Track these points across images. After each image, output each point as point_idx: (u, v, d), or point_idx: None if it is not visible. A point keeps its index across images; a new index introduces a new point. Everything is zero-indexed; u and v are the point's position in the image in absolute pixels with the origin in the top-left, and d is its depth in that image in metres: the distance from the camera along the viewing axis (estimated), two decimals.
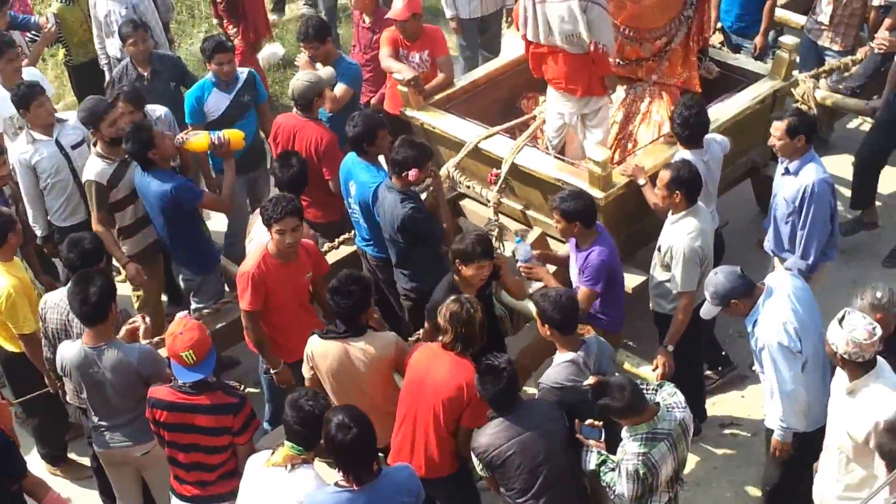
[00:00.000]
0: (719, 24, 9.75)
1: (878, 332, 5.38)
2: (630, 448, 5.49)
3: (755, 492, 6.85)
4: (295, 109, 8.02)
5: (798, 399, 6.01)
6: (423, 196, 7.23)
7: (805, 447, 6.14)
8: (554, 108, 7.87)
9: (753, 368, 6.39)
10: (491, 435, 5.59)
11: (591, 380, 5.69)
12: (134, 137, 7.19)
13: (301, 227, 6.62)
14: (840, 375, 5.60)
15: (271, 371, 6.88)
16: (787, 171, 7.09)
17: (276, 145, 8.09)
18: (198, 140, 7.49)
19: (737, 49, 9.57)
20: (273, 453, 5.37)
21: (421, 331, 6.88)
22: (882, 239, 8.85)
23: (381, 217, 7.11)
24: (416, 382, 5.95)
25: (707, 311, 6.21)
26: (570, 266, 6.92)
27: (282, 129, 8.03)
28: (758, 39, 9.41)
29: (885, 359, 5.70)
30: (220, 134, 7.53)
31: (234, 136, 7.58)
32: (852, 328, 5.36)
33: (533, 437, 5.59)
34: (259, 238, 6.91)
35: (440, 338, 5.92)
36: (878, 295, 5.82)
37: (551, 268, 7.09)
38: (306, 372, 6.31)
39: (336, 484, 5.14)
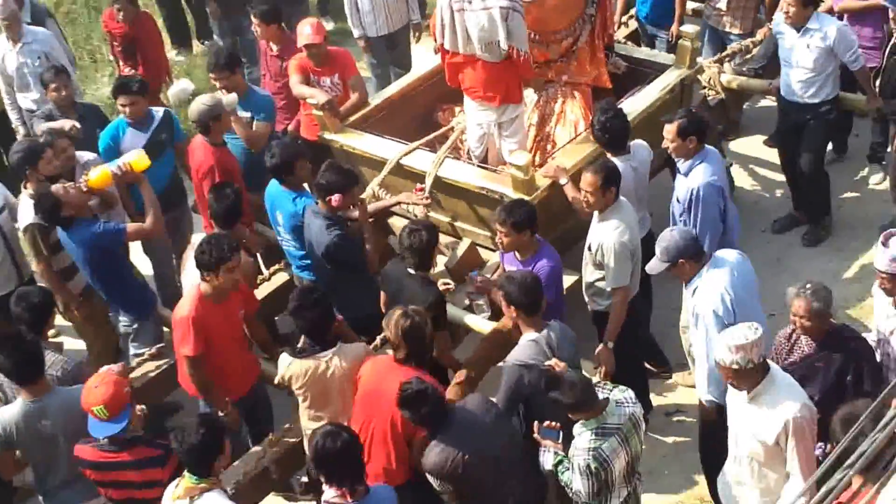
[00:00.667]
0: (631, 12, 9.91)
1: (759, 331, 5.35)
2: (581, 444, 5.56)
3: None
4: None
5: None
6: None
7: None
8: (473, 118, 7.93)
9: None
10: (441, 451, 5.60)
11: (552, 361, 5.80)
12: (40, 207, 7.10)
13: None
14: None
15: (220, 414, 6.78)
16: (678, 172, 7.24)
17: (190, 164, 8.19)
18: (99, 176, 7.28)
19: (651, 40, 9.75)
20: (177, 486, 5.38)
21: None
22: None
23: (307, 242, 7.14)
24: (370, 394, 6.00)
25: (654, 266, 6.33)
26: None
27: (190, 147, 8.14)
28: (673, 28, 9.54)
29: (823, 358, 5.83)
30: (119, 163, 7.36)
31: (135, 160, 7.38)
32: (732, 337, 5.36)
33: (482, 435, 5.65)
34: (192, 277, 6.87)
35: (392, 352, 6.01)
36: (808, 286, 5.80)
37: None
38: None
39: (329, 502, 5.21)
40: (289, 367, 6.24)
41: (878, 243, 5.96)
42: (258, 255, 8.07)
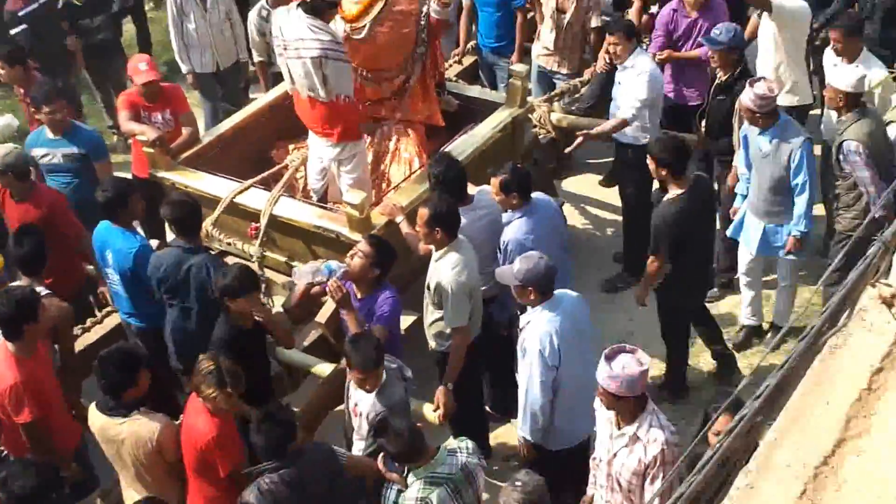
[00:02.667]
0: (470, 44, 10.07)
1: None
2: (410, 493, 5.51)
3: None
4: None
5: (538, 412, 6.23)
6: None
7: (548, 463, 6.32)
8: (314, 151, 7.87)
9: None
10: (268, 492, 5.44)
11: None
12: None
13: None
14: None
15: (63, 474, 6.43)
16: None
17: None
18: None
19: (491, 68, 9.93)
20: None
21: None
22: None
23: (177, 281, 6.86)
24: (181, 432, 5.95)
25: (503, 275, 6.35)
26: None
27: None
28: (514, 57, 9.69)
29: None
30: None
31: None
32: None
33: (313, 480, 5.55)
34: None
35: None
36: (517, 483, 5.24)
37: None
38: None
39: None
40: (91, 415, 6.05)
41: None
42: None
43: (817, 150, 7.84)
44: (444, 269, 6.71)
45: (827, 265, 6.92)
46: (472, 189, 7.33)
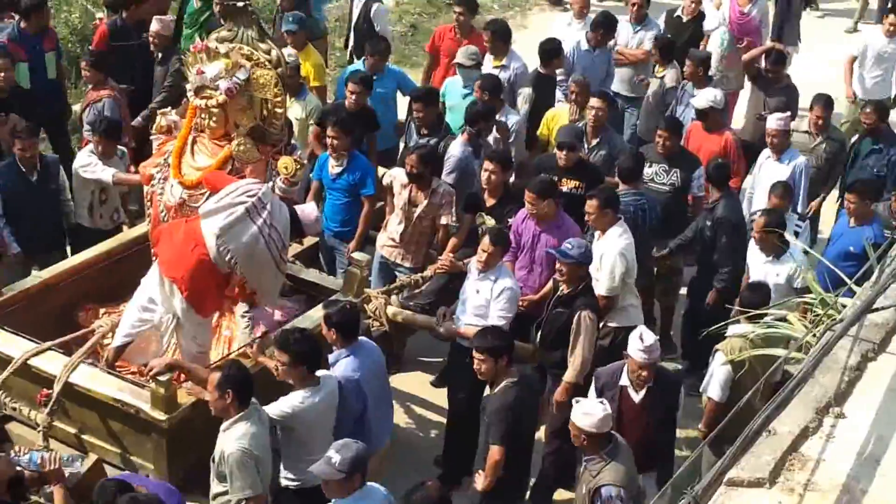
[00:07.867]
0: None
1: None
2: None
3: None
4: None
5: None
6: None
7: None
8: (146, 292, 7.39)
9: None
10: None
11: None
12: None
13: None
14: None
15: None
16: None
17: None
18: None
19: (330, 252, 9.58)
20: None
21: None
22: None
23: None
24: None
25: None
26: None
27: None
28: (352, 245, 9.37)
29: None
30: None
31: None
32: None
33: None
34: None
35: None
36: None
37: None
38: None
39: None
40: None
41: None
42: None
43: None
44: (230, 439, 6.40)
45: None
46: None
